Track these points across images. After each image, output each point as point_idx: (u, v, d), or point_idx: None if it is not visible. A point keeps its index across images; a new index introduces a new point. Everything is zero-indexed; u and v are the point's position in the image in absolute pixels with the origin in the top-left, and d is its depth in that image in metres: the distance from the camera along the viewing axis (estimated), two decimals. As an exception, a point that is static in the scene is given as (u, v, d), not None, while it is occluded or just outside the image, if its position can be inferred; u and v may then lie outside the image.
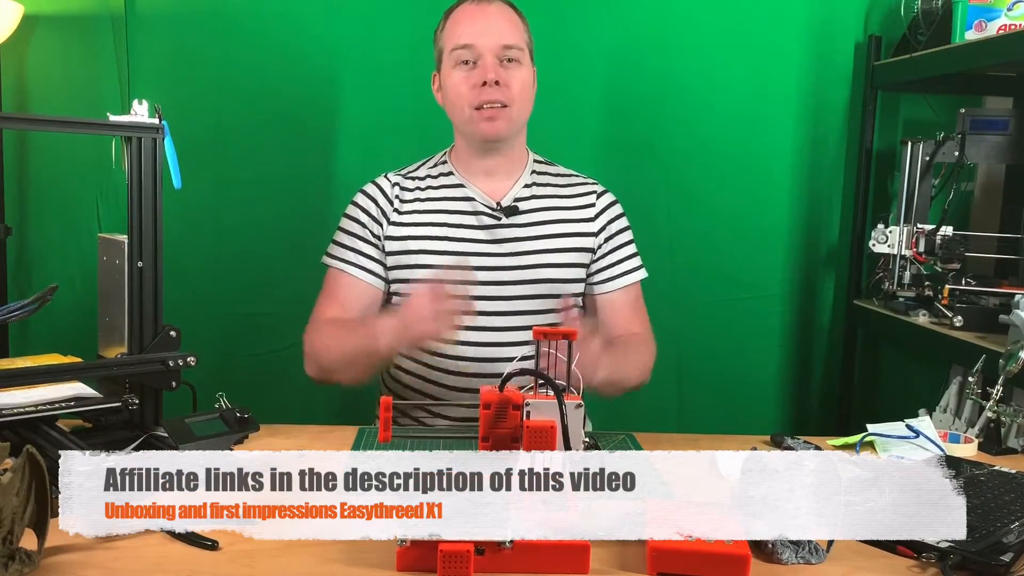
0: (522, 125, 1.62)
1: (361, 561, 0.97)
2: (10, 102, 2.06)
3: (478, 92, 1.52)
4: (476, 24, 1.54)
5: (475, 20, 1.55)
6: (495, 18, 1.55)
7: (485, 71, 1.52)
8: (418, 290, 1.43)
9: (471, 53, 1.53)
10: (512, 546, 0.94)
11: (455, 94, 1.55)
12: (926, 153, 2.08)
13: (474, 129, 1.56)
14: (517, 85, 1.54)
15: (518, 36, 1.56)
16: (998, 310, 1.82)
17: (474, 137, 1.58)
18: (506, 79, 1.53)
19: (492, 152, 1.61)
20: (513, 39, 1.55)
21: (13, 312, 1.29)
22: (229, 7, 2.12)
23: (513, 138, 1.61)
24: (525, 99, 1.57)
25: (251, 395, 1.47)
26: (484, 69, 1.52)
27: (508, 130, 1.57)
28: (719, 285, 2.28)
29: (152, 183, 1.31)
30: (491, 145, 1.59)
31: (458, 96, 1.54)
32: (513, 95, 1.54)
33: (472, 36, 1.53)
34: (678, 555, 0.96)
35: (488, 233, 1.60)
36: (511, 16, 1.58)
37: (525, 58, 1.57)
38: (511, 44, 1.54)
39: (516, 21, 1.58)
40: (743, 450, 1.10)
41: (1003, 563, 0.99)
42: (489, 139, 1.57)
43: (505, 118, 1.54)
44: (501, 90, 1.52)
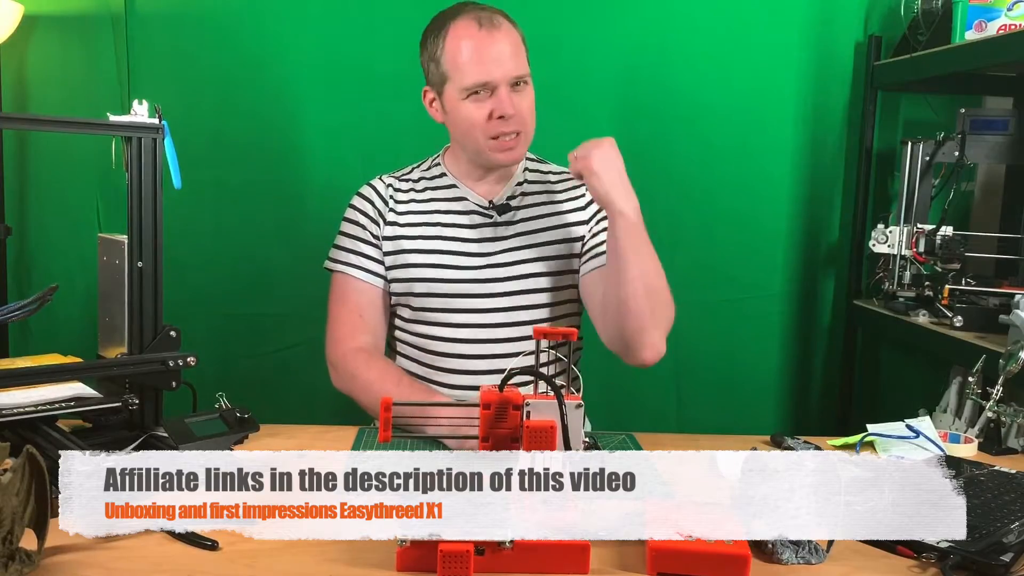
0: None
1: (361, 561, 0.97)
2: (10, 102, 2.06)
3: (494, 124, 1.52)
4: (487, 58, 1.50)
5: (485, 51, 1.50)
6: (503, 45, 1.51)
7: (502, 105, 1.50)
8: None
9: (485, 87, 1.51)
10: (512, 546, 0.94)
11: (468, 124, 1.53)
12: (926, 153, 2.08)
13: (489, 158, 1.56)
14: (527, 109, 1.54)
15: (523, 57, 1.55)
16: (998, 310, 1.82)
17: (488, 164, 1.59)
18: (518, 106, 1.52)
19: (495, 169, 1.62)
20: (521, 68, 1.53)
21: (13, 312, 1.29)
22: (229, 7, 2.11)
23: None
24: (533, 119, 1.58)
25: (251, 395, 1.47)
26: (500, 102, 1.50)
27: (523, 154, 1.60)
28: (719, 285, 2.28)
29: (152, 183, 1.31)
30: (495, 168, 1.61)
31: (472, 127, 1.53)
32: (525, 120, 1.54)
33: (487, 73, 1.49)
34: (678, 555, 0.96)
35: (480, 232, 1.61)
36: (515, 38, 1.54)
37: (528, 74, 1.56)
38: (521, 75, 1.52)
39: (519, 42, 1.55)
40: (743, 450, 1.10)
41: (1003, 563, 0.99)
42: (505, 166, 1.60)
43: (521, 145, 1.56)
44: (515, 119, 1.52)
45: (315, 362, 1.63)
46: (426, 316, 1.60)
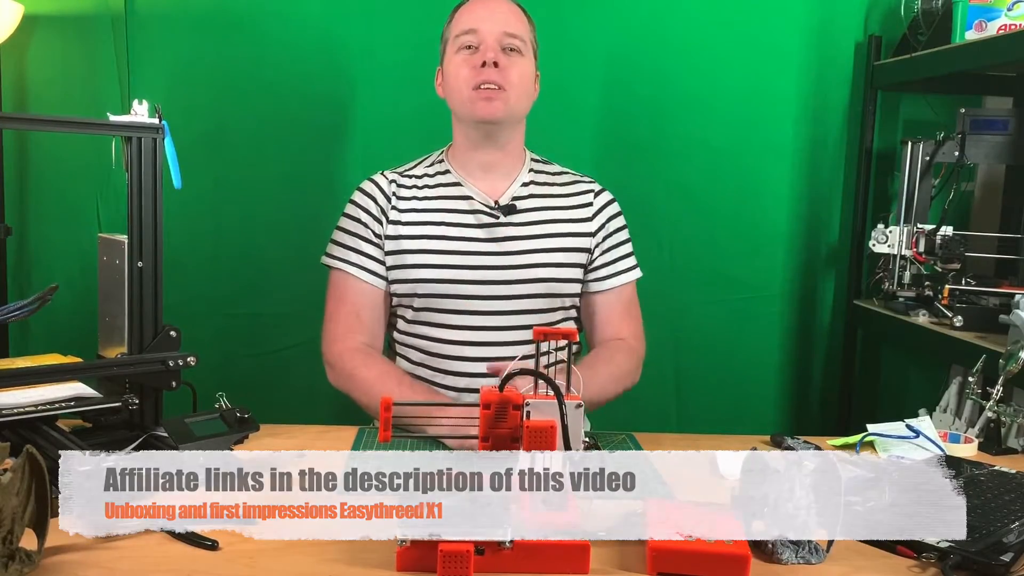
0: (520, 116, 1.63)
1: (361, 561, 0.97)
2: (10, 102, 2.06)
3: (477, 72, 1.55)
4: (481, 11, 1.59)
5: (480, 8, 1.60)
6: (500, 7, 1.60)
7: (485, 53, 1.55)
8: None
9: (474, 38, 1.56)
10: (512, 546, 0.94)
11: (455, 76, 1.58)
12: (926, 153, 2.08)
13: (471, 110, 1.57)
14: (516, 73, 1.57)
15: (521, 27, 1.60)
16: (998, 310, 1.82)
17: (471, 118, 1.58)
18: (506, 64, 1.56)
19: (489, 142, 1.61)
20: (516, 28, 1.59)
21: (13, 312, 1.29)
22: (229, 7, 2.11)
23: (510, 130, 1.62)
24: (524, 89, 1.59)
25: (251, 395, 1.47)
26: (485, 51, 1.56)
27: (505, 112, 1.57)
28: (719, 285, 2.28)
29: (152, 183, 1.31)
30: (488, 129, 1.59)
31: (457, 78, 1.57)
32: (512, 80, 1.56)
33: (476, 21, 1.57)
34: (678, 555, 0.96)
35: (486, 232, 1.60)
36: (517, 11, 1.63)
37: (527, 51, 1.60)
38: (514, 32, 1.57)
39: (521, 16, 1.62)
40: (743, 450, 1.10)
41: (1003, 563, 0.99)
42: (485, 120, 1.57)
43: (502, 100, 1.56)
44: (500, 72, 1.55)
45: (315, 362, 1.63)
46: (429, 317, 1.60)
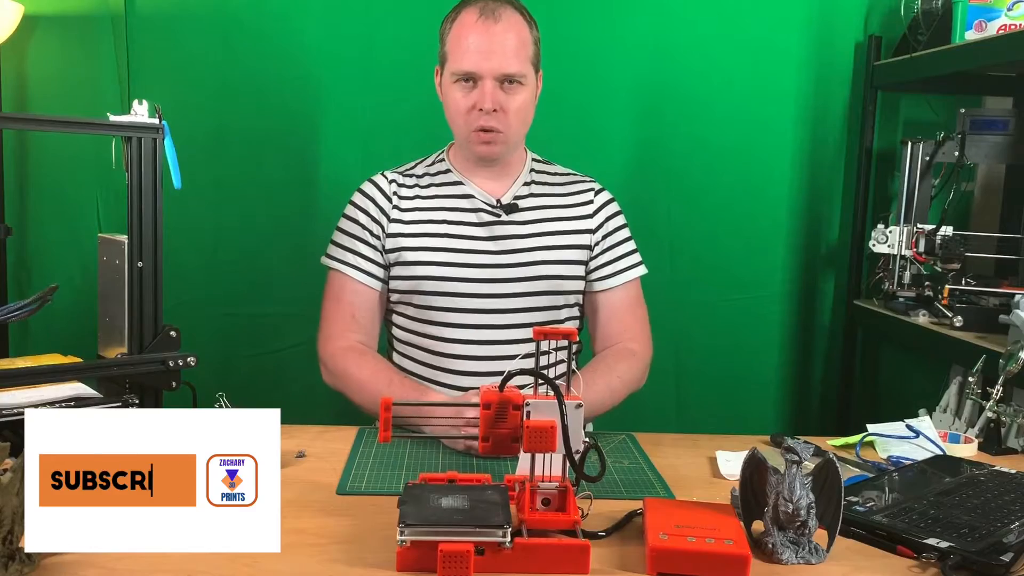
0: (519, 141, 1.64)
1: (361, 561, 0.97)
2: (10, 102, 2.06)
3: (475, 116, 1.53)
4: (478, 49, 1.50)
5: (478, 42, 1.50)
6: (501, 39, 1.50)
7: (483, 98, 1.51)
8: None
9: (471, 78, 1.52)
10: (512, 546, 0.94)
11: (454, 109, 1.56)
12: (926, 153, 2.08)
13: (471, 148, 1.58)
14: (514, 109, 1.54)
15: (522, 59, 1.52)
16: (998, 310, 1.82)
17: (470, 154, 1.60)
18: (504, 104, 1.52)
19: (489, 164, 1.63)
20: (516, 67, 1.51)
21: (13, 312, 1.29)
22: (229, 7, 2.11)
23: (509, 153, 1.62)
24: (521, 121, 1.57)
25: (251, 395, 1.47)
26: (483, 95, 1.51)
27: (503, 153, 1.59)
28: (719, 285, 2.29)
29: (152, 183, 1.31)
30: (486, 161, 1.61)
31: (456, 113, 1.56)
32: (509, 121, 1.54)
33: (475, 63, 1.50)
34: (678, 555, 0.96)
35: (487, 231, 1.61)
36: (519, 31, 1.53)
37: (529, 77, 1.54)
38: (512, 73, 1.51)
39: (523, 37, 1.53)
40: (743, 450, 1.10)
41: (1003, 563, 0.98)
42: (484, 159, 1.60)
43: (500, 143, 1.56)
44: (497, 117, 1.52)
45: (315, 362, 1.62)
46: (430, 315, 1.60)
